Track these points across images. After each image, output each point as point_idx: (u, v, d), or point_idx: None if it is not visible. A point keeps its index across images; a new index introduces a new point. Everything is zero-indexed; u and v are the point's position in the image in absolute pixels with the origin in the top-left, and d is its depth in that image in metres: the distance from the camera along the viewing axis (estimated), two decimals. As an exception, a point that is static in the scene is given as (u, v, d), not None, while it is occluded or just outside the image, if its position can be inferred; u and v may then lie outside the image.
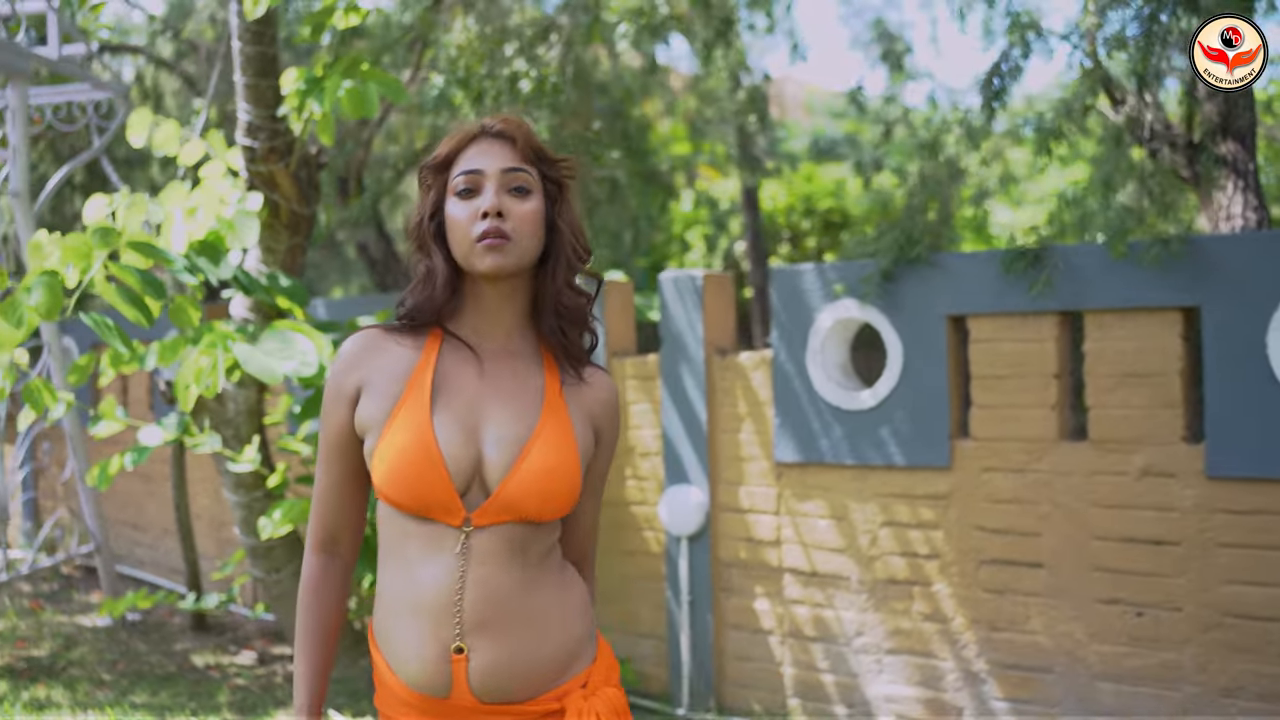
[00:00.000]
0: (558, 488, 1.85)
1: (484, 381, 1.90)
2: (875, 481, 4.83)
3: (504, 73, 6.47)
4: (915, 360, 4.71)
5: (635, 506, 5.52)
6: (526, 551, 1.85)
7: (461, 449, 1.83)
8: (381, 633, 1.88)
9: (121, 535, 8.17)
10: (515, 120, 1.95)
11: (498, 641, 1.81)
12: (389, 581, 1.87)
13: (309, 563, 2.00)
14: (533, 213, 1.89)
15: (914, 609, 4.74)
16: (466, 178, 1.89)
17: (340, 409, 1.92)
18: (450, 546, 1.81)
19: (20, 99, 6.42)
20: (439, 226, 1.93)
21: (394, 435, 1.83)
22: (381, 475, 1.83)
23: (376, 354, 1.91)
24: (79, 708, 5.38)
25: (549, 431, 1.88)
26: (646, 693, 5.43)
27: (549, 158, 1.95)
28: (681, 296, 5.32)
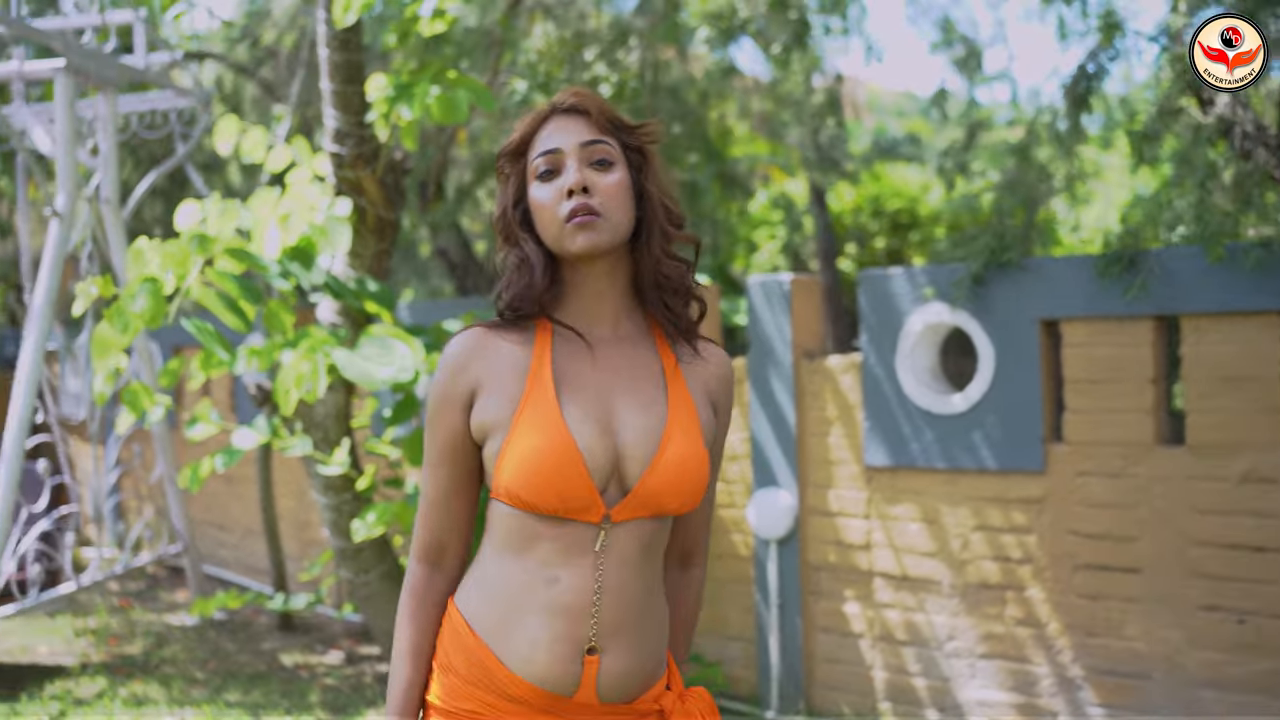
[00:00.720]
0: (694, 478, 1.81)
1: (603, 371, 1.83)
2: (967, 485, 4.82)
3: (584, 77, 6.51)
4: (1007, 364, 4.69)
5: (723, 510, 5.54)
6: (653, 548, 1.83)
7: (598, 444, 1.77)
8: (495, 628, 1.80)
9: (206, 536, 8.30)
10: (586, 92, 1.89)
11: (629, 645, 1.80)
12: (510, 579, 1.80)
13: (413, 573, 1.93)
14: (619, 184, 1.82)
15: (1007, 613, 4.73)
16: (546, 158, 1.83)
17: (452, 414, 1.84)
18: (588, 546, 1.77)
19: (109, 108, 6.54)
20: (524, 215, 1.87)
21: (525, 435, 1.76)
22: (513, 477, 1.75)
23: (486, 353, 1.84)
24: (175, 704, 5.48)
25: (679, 416, 1.83)
26: (735, 695, 5.45)
27: (627, 125, 1.88)
28: (769, 300, 5.33)
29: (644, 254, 1.86)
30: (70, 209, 6.04)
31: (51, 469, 6.15)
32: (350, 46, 5.66)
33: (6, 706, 5.49)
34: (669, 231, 1.87)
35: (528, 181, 1.86)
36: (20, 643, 6.64)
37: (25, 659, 6.36)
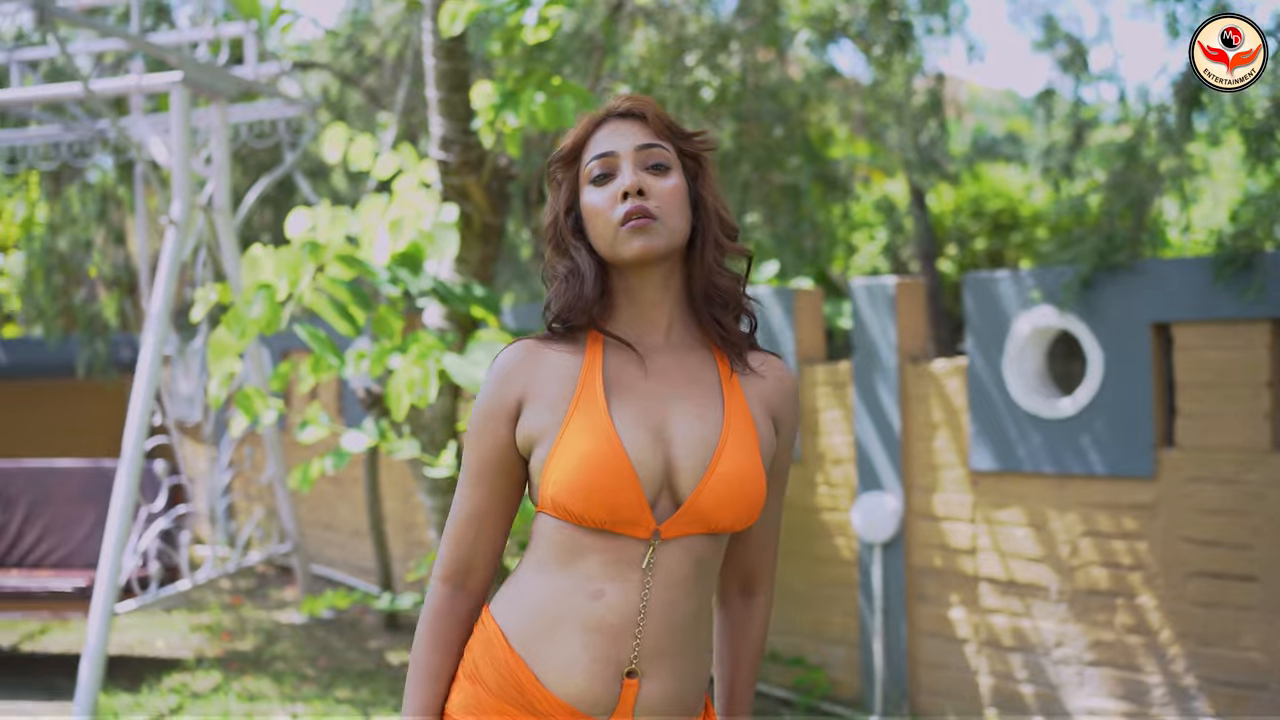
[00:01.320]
0: (749, 493, 1.72)
1: (656, 380, 1.76)
2: (1075, 490, 4.76)
3: (685, 81, 6.54)
4: (1117, 368, 4.62)
5: (827, 513, 5.53)
6: (705, 567, 1.75)
7: (649, 453, 1.69)
8: (532, 641, 1.73)
9: (314, 536, 8.47)
10: (642, 97, 1.83)
11: (671, 670, 1.72)
12: (552, 593, 1.72)
13: (435, 594, 1.84)
14: (676, 189, 1.76)
15: (1117, 621, 4.66)
16: (600, 162, 1.77)
17: (498, 426, 1.78)
18: (635, 562, 1.69)
19: (222, 118, 6.71)
20: (576, 221, 1.81)
21: (573, 441, 1.69)
22: (560, 486, 1.68)
23: (536, 363, 1.78)
24: (287, 700, 5.61)
25: (735, 429, 1.75)
26: (838, 699, 5.44)
27: (684, 132, 1.83)
28: (874, 303, 5.32)
29: (696, 264, 1.80)
30: (185, 217, 6.21)
31: (169, 470, 6.32)
32: (456, 55, 5.75)
33: (129, 698, 5.67)
34: (723, 243, 1.81)
35: (580, 187, 1.80)
36: (139, 637, 6.86)
37: (144, 653, 6.56)
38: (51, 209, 9.40)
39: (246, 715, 5.40)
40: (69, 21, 5.69)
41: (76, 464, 6.67)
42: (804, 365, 5.60)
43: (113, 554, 5.50)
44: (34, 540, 6.52)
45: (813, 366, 5.58)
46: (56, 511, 6.52)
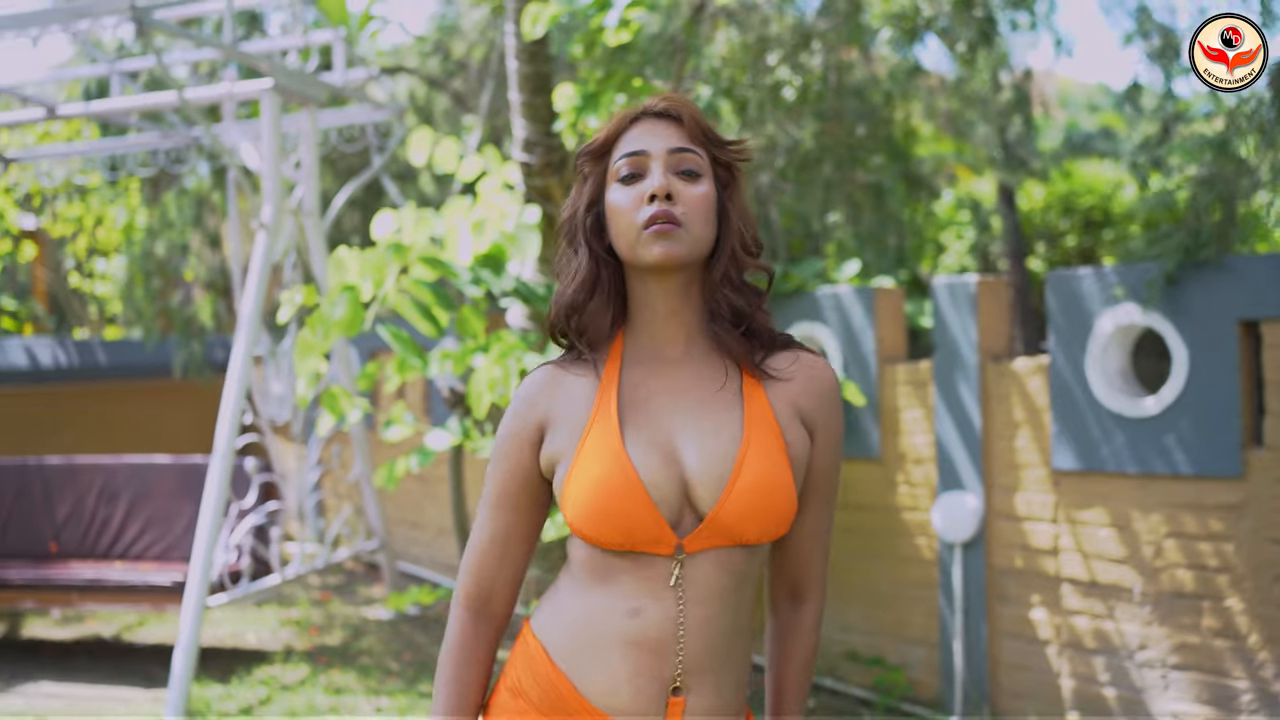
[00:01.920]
0: (776, 503, 1.66)
1: (673, 396, 1.73)
2: (1160, 491, 4.68)
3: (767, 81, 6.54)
4: (1202, 366, 4.54)
5: (907, 513, 5.50)
6: (740, 579, 1.70)
7: (661, 473, 1.66)
8: (574, 657, 1.70)
9: (401, 534, 8.61)
10: (680, 98, 1.78)
11: (714, 687, 1.69)
12: (591, 610, 1.70)
13: (456, 620, 1.82)
14: (704, 197, 1.71)
15: (1203, 624, 4.58)
16: (630, 160, 1.71)
17: (521, 451, 1.76)
18: (664, 579, 1.66)
19: (311, 123, 6.85)
20: (597, 219, 1.76)
21: (586, 466, 1.67)
22: (576, 511, 1.66)
23: (555, 388, 1.76)
24: (371, 693, 5.72)
25: (758, 438, 1.69)
26: (917, 699, 5.40)
27: (719, 139, 1.76)
28: (955, 302, 5.28)
29: (708, 276, 1.75)
30: (275, 221, 6.36)
31: (260, 467, 6.48)
32: (538, 58, 5.82)
33: (220, 688, 5.82)
34: (741, 257, 1.75)
35: (606, 184, 1.75)
36: (232, 630, 7.03)
37: (236, 645, 6.72)
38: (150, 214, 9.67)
39: (332, 709, 5.51)
40: (165, 32, 5.86)
41: (175, 460, 6.86)
42: (884, 365, 5.57)
43: (204, 549, 5.65)
44: (136, 533, 6.72)
45: (893, 366, 5.56)
46: (156, 506, 6.71)
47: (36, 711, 5.58)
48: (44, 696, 5.84)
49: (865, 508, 5.63)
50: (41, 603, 6.25)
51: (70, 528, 6.79)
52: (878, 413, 5.56)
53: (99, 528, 6.75)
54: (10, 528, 6.88)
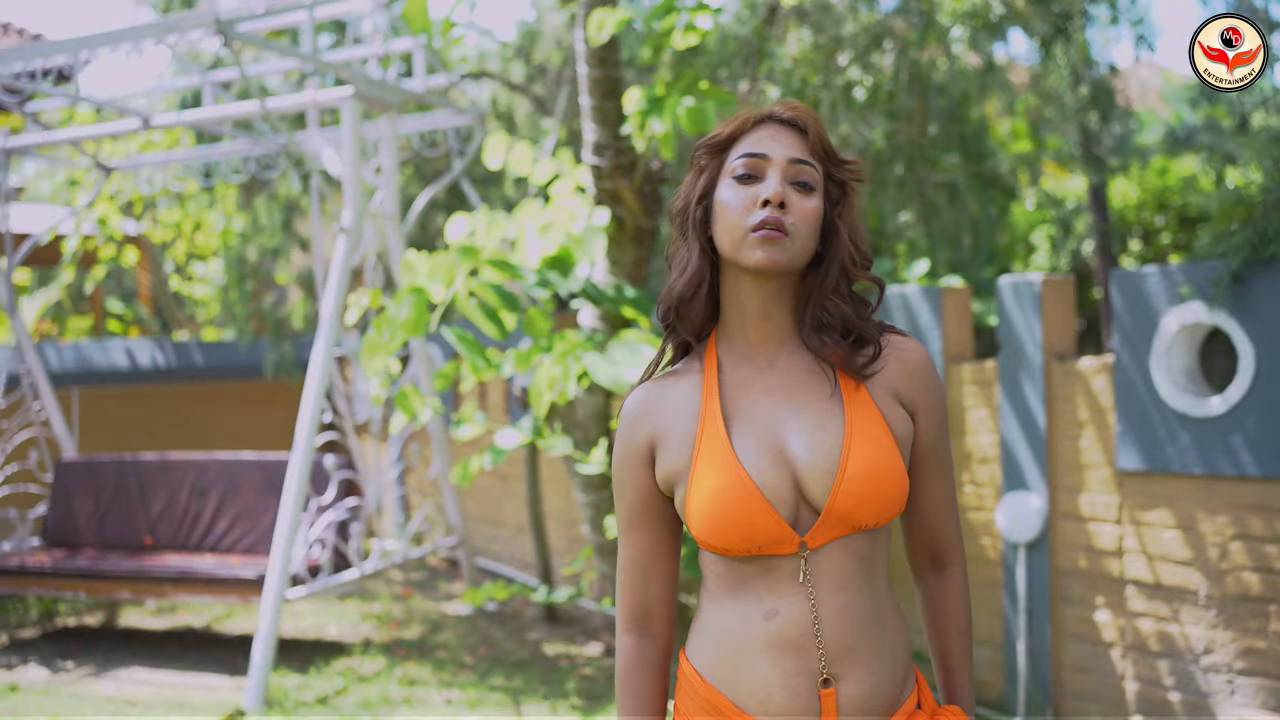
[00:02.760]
0: (888, 487, 1.71)
1: (772, 395, 1.77)
2: (1226, 492, 4.61)
3: (839, 81, 6.55)
4: (1270, 365, 4.46)
5: (972, 513, 5.48)
6: (868, 561, 1.74)
7: (774, 474, 1.71)
8: (725, 674, 1.75)
9: (480, 531, 8.77)
10: (807, 110, 1.80)
11: (865, 668, 1.72)
12: (731, 622, 1.75)
13: (623, 645, 1.87)
14: (814, 211, 1.74)
15: (1270, 628, 4.50)
16: (748, 161, 1.75)
17: (637, 472, 1.82)
18: (793, 576, 1.71)
19: (391, 129, 7.03)
20: (705, 211, 1.79)
21: (703, 479, 1.72)
22: (700, 524, 1.71)
23: (658, 404, 1.81)
24: (444, 685, 5.86)
25: (861, 427, 1.73)
26: (981, 700, 5.38)
27: (838, 158, 1.80)
28: (1020, 301, 5.25)
29: (817, 286, 1.78)
30: (356, 224, 6.53)
31: (340, 464, 6.66)
32: (608, 63, 5.91)
33: (299, 678, 6.01)
34: (851, 271, 1.78)
35: (719, 178, 1.79)
36: (313, 624, 7.23)
37: (317, 637, 6.92)
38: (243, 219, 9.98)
39: (405, 699, 5.66)
40: (249, 43, 6.06)
41: (262, 457, 7.08)
42: (950, 364, 5.56)
43: (283, 543, 5.84)
44: (225, 527, 6.96)
45: (959, 365, 5.54)
46: (244, 501, 6.94)
47: (126, 696, 5.82)
48: (134, 683, 6.08)
49: (931, 508, 5.62)
50: (136, 593, 6.51)
51: (164, 521, 7.05)
52: (943, 412, 5.54)
53: (191, 521, 7.00)
54: (108, 520, 7.16)
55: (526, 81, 8.89)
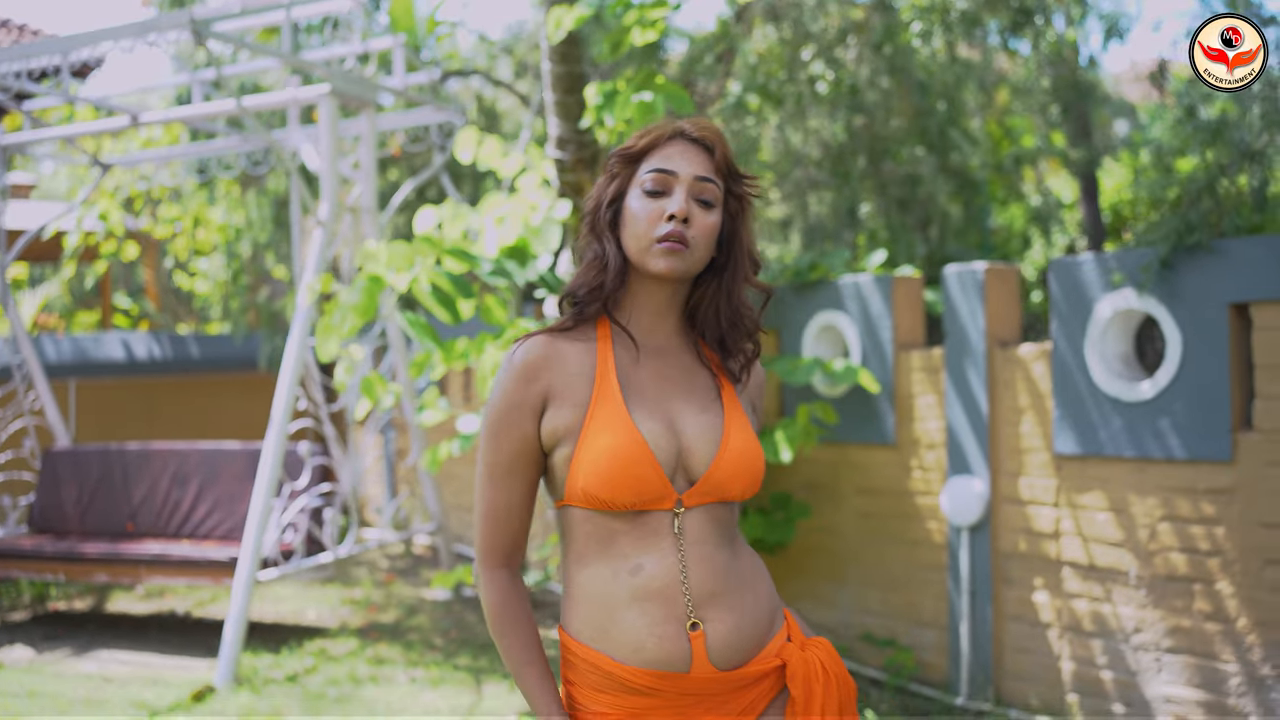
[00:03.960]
0: (755, 468, 1.94)
1: (661, 378, 1.96)
2: (1155, 474, 4.70)
3: (803, 76, 6.66)
4: (1195, 350, 4.56)
5: (920, 497, 5.59)
6: (726, 525, 1.95)
7: (664, 440, 1.88)
8: (599, 629, 1.89)
9: (460, 519, 8.91)
10: (715, 129, 1.98)
11: (728, 609, 1.89)
12: (599, 580, 1.89)
13: (498, 580, 1.97)
14: (713, 226, 1.94)
15: (1195, 607, 4.59)
16: (658, 176, 1.92)
17: (525, 422, 1.92)
18: (666, 531, 1.87)
19: (369, 125, 7.19)
20: (614, 215, 1.97)
21: (597, 436, 1.86)
22: (589, 477, 1.85)
23: (554, 360, 1.93)
24: (410, 665, 6.01)
25: (734, 417, 1.96)
26: (927, 681, 5.49)
27: (738, 173, 2.00)
28: (964, 290, 5.35)
29: (720, 292, 2.00)
30: (333, 217, 6.69)
31: (317, 451, 6.82)
32: (569, 59, 6.05)
33: (270, 657, 6.18)
34: (749, 276, 2.01)
35: (630, 187, 1.96)
36: (293, 608, 7.41)
37: (296, 621, 7.09)
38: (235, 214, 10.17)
39: (371, 678, 5.81)
40: (226, 42, 6.23)
41: (241, 446, 7.26)
42: (900, 351, 5.66)
43: (255, 526, 6.00)
44: (204, 514, 7.13)
45: (908, 353, 5.65)
46: (223, 489, 7.11)
47: (104, 674, 6.00)
48: (115, 662, 6.26)
49: (881, 492, 5.73)
50: (112, 575, 6.69)
51: (145, 508, 7.24)
52: (893, 399, 5.66)
53: (171, 509, 7.18)
54: (92, 508, 7.36)
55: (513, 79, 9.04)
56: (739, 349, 2.04)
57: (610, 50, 5.87)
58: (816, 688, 1.93)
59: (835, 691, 1.96)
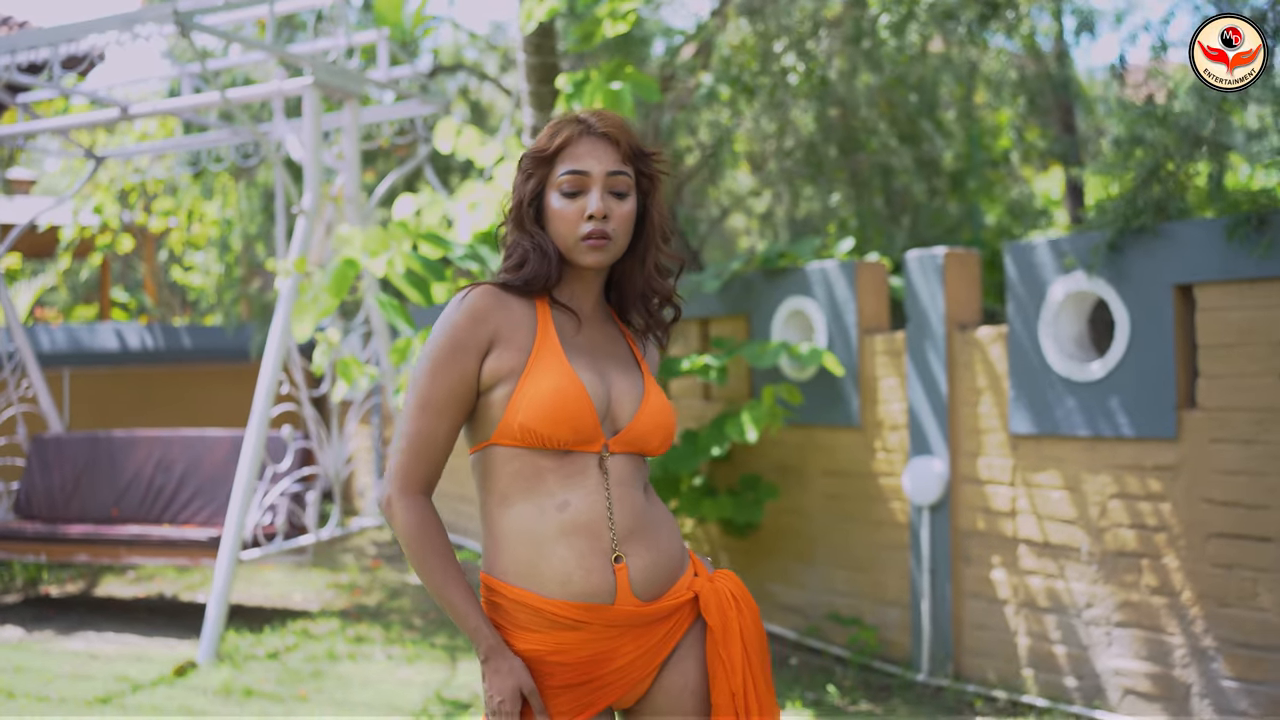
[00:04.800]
0: (670, 426, 2.16)
1: (591, 342, 2.15)
2: (1106, 452, 4.82)
3: (775, 68, 6.78)
4: (1142, 330, 4.67)
5: (884, 478, 5.70)
6: (642, 474, 2.14)
7: (598, 389, 2.07)
8: (528, 566, 2.01)
9: (451, 507, 9.04)
10: (616, 120, 2.13)
11: (647, 545, 2.07)
12: (526, 518, 2.03)
13: (416, 505, 2.06)
14: (630, 213, 2.11)
15: (1143, 581, 4.70)
16: (572, 179, 2.07)
17: (468, 361, 2.05)
18: (592, 471, 2.04)
19: (353, 117, 7.32)
20: (537, 212, 2.12)
21: (540, 379, 2.02)
22: (530, 413, 2.00)
23: (503, 309, 2.08)
24: (389, 643, 6.14)
25: (650, 381, 2.19)
26: (890, 658, 5.60)
27: (645, 154, 2.15)
28: (925, 274, 5.47)
29: (637, 266, 2.19)
30: (315, 206, 6.83)
31: (299, 435, 6.95)
32: (543, 50, 6.17)
33: (253, 637, 6.31)
34: (663, 249, 2.20)
35: (549, 188, 2.10)
36: (279, 591, 7.54)
37: (281, 605, 7.22)
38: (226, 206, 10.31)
39: (350, 655, 5.95)
40: (209, 33, 6.36)
41: (225, 433, 7.39)
42: (865, 335, 5.78)
43: (238, 507, 6.14)
44: (187, 499, 7.26)
45: (873, 336, 5.76)
46: (206, 475, 7.25)
47: (91, 652, 6.14)
48: (102, 641, 6.40)
49: (847, 474, 5.85)
50: (94, 555, 6.83)
51: (130, 494, 7.37)
52: (858, 382, 5.77)
53: (155, 494, 7.31)
54: (78, 494, 7.50)
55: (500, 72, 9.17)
56: (659, 315, 2.24)
57: (582, 41, 6.01)
58: (731, 614, 2.12)
59: (749, 618, 2.14)
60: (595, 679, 2.04)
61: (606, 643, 2.03)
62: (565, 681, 2.03)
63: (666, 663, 2.11)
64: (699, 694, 2.12)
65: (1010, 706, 5.01)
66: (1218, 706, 4.45)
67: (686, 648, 2.12)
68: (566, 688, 2.03)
